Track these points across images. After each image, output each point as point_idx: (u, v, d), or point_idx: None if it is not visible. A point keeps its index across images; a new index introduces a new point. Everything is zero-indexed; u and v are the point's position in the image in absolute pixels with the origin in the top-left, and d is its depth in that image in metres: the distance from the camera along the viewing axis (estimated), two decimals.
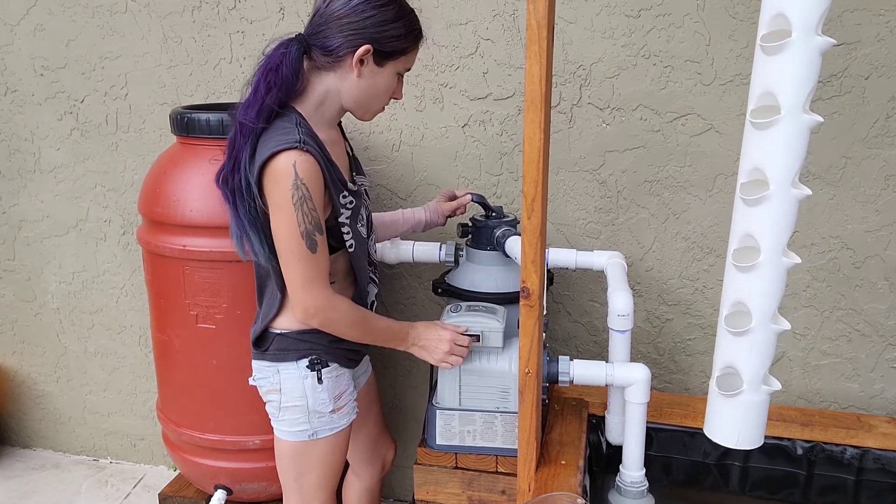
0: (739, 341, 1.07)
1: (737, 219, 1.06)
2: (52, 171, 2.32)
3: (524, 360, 1.34)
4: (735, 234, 1.06)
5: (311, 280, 1.30)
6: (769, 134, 0.99)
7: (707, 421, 1.15)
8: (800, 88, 0.96)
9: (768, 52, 0.97)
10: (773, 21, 0.97)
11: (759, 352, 1.07)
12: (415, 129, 1.99)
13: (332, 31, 1.28)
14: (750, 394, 1.09)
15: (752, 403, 1.10)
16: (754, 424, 1.11)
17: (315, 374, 1.40)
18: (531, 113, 1.19)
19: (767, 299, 1.05)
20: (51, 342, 2.52)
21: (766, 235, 1.02)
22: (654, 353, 1.99)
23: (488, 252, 1.69)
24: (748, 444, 1.12)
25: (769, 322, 1.06)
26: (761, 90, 1.00)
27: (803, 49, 0.94)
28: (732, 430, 1.12)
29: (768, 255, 1.02)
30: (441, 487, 1.61)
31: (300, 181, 1.24)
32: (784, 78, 0.96)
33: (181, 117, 1.73)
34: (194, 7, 2.05)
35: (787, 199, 1.00)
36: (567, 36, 1.82)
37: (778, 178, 0.99)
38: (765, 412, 1.11)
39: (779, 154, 0.99)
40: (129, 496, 2.41)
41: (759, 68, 1.00)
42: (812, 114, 0.98)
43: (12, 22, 2.21)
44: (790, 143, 0.98)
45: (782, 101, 0.97)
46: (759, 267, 1.03)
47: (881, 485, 1.64)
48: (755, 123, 1.00)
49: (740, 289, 1.06)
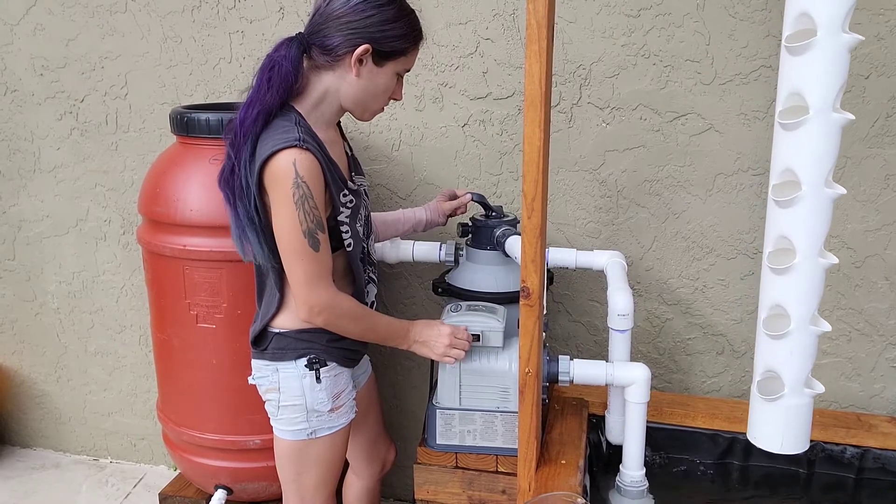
0: (779, 345, 1.06)
1: (770, 221, 1.04)
2: (52, 171, 2.32)
3: (524, 360, 1.34)
4: (770, 236, 1.05)
5: (314, 278, 1.30)
6: (798, 134, 0.98)
7: (750, 426, 1.13)
8: (828, 87, 0.95)
9: (794, 53, 0.96)
10: (797, 20, 0.95)
11: (799, 355, 1.05)
12: (415, 128, 1.99)
13: (332, 31, 1.28)
14: (792, 397, 1.07)
15: (795, 407, 1.08)
16: (798, 428, 1.09)
17: (313, 373, 1.40)
18: (531, 112, 1.19)
19: (805, 301, 1.03)
20: (51, 342, 2.52)
21: (801, 236, 1.01)
22: (654, 352, 1.99)
23: (488, 252, 1.69)
24: (793, 448, 1.10)
25: (808, 324, 1.04)
26: (788, 90, 0.98)
27: (830, 47, 0.93)
28: (776, 435, 1.10)
29: (804, 257, 1.01)
30: (441, 487, 1.61)
31: (300, 179, 1.24)
32: (811, 77, 0.95)
33: (181, 117, 1.73)
34: (194, 7, 2.05)
35: (820, 198, 0.99)
36: (567, 35, 1.82)
37: (810, 179, 0.98)
38: (809, 415, 1.09)
39: (809, 154, 0.98)
40: (130, 496, 2.41)
41: (785, 69, 0.98)
42: (843, 112, 0.96)
43: (12, 22, 2.21)
44: (820, 143, 0.97)
45: (810, 101, 0.96)
46: (795, 269, 1.02)
47: (881, 484, 1.64)
48: (784, 125, 0.99)
49: (777, 291, 1.05)
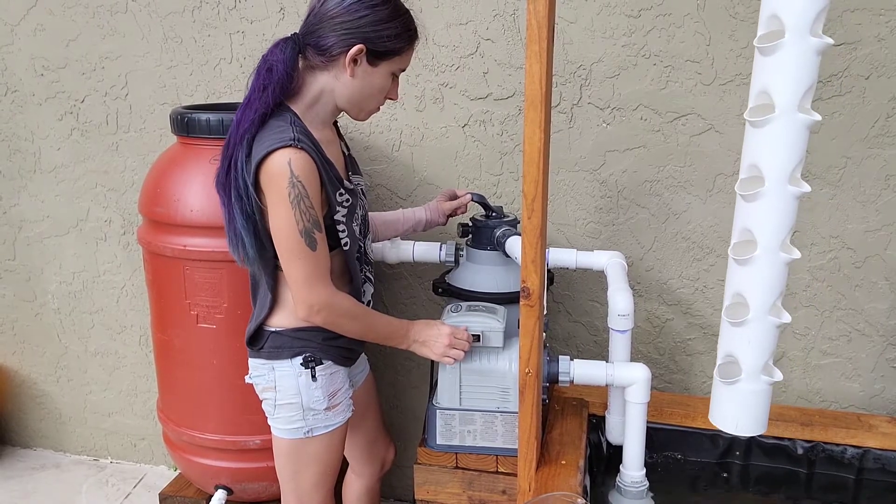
0: (738, 332, 1.11)
1: (737, 214, 1.09)
2: (53, 171, 2.32)
3: (524, 360, 1.34)
4: (735, 228, 1.09)
5: (312, 277, 1.31)
6: (764, 132, 1.01)
7: (711, 407, 1.19)
8: (794, 88, 0.98)
9: (764, 53, 0.99)
10: (769, 21, 0.99)
11: (757, 343, 1.10)
12: (415, 129, 1.99)
13: (326, 31, 1.29)
14: (748, 382, 1.12)
15: (751, 392, 1.13)
16: (754, 412, 1.14)
17: (309, 371, 1.40)
18: (531, 113, 1.19)
19: (764, 292, 1.08)
20: (51, 342, 2.52)
21: (762, 230, 1.05)
22: (654, 353, 1.99)
23: (488, 252, 1.69)
24: (748, 430, 1.15)
25: (766, 314, 1.08)
26: (758, 89, 1.02)
27: (796, 49, 0.96)
28: (732, 417, 1.15)
29: (764, 249, 1.05)
30: (441, 487, 1.61)
31: (296, 178, 1.24)
32: (778, 78, 0.99)
33: (181, 117, 1.73)
34: (195, 7, 2.06)
35: (783, 195, 1.03)
36: (567, 36, 1.82)
37: (773, 175, 1.02)
38: (765, 401, 1.14)
39: (773, 151, 1.02)
40: (130, 496, 2.41)
41: (756, 68, 1.02)
42: (810, 112, 0.99)
43: (13, 22, 2.21)
44: (785, 141, 1.01)
45: (777, 100, 0.99)
46: (756, 260, 1.06)
47: (881, 484, 1.64)
48: (752, 122, 1.02)
49: (739, 281, 1.10)
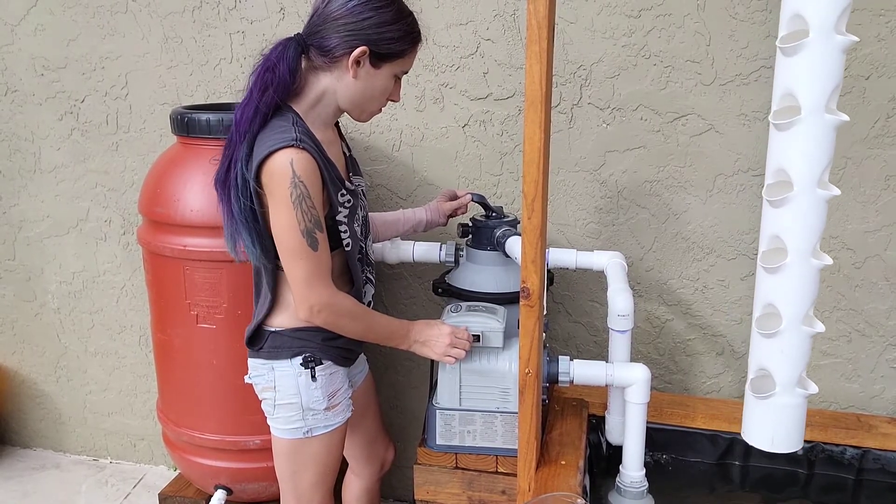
0: (771, 343, 1.06)
1: (764, 220, 1.05)
2: (53, 171, 2.32)
3: (524, 360, 1.34)
4: (764, 235, 1.05)
5: (314, 278, 1.30)
6: (791, 135, 0.98)
7: (744, 423, 1.14)
8: (820, 88, 0.95)
9: (787, 54, 0.96)
10: (791, 22, 0.96)
11: (790, 354, 1.05)
12: (415, 129, 1.99)
13: (329, 32, 1.29)
14: (783, 396, 1.07)
15: (787, 406, 1.08)
16: (790, 427, 1.09)
17: (309, 371, 1.40)
18: (531, 113, 1.19)
19: (797, 300, 1.03)
20: (51, 342, 2.52)
21: (793, 236, 1.01)
22: (654, 353, 1.99)
23: (488, 252, 1.69)
24: (784, 447, 1.10)
25: (800, 324, 1.04)
26: (782, 91, 0.99)
27: (822, 49, 0.94)
28: (767, 433, 1.10)
29: (795, 257, 1.01)
30: (441, 487, 1.61)
31: (298, 179, 1.24)
32: (803, 78, 0.95)
33: (181, 117, 1.73)
34: (195, 7, 2.05)
35: (813, 199, 0.99)
36: (567, 36, 1.82)
37: (801, 179, 0.99)
38: (801, 415, 1.09)
39: (801, 154, 0.98)
40: (129, 496, 2.41)
41: (779, 70, 0.99)
42: (837, 113, 0.96)
43: (13, 22, 2.21)
44: (812, 144, 0.97)
45: (803, 102, 0.96)
46: (787, 268, 1.02)
47: (881, 485, 1.64)
48: (777, 125, 0.99)
49: (769, 291, 1.05)
